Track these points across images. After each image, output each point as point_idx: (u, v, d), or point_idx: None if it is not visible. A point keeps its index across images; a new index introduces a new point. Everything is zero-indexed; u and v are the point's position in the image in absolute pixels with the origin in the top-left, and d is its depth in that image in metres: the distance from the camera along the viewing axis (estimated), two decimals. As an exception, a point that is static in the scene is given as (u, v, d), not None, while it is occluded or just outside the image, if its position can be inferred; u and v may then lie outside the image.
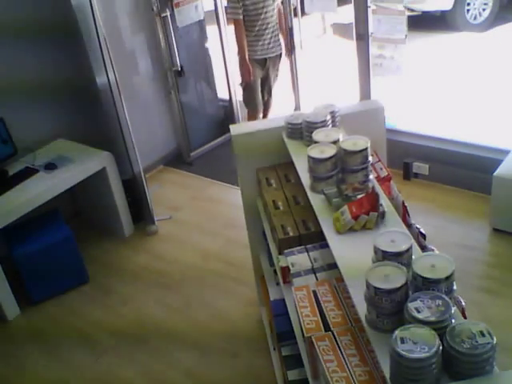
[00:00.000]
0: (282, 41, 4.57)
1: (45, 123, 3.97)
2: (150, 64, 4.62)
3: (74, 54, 3.96)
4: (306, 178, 2.24)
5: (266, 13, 4.33)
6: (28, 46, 3.77)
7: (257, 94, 4.64)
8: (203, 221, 4.24)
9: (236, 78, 4.80)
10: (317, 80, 5.62)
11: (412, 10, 6.06)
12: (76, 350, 3.30)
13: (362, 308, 1.61)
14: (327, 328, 1.89)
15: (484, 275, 3.39)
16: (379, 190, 2.07)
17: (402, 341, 1.36)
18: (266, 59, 4.52)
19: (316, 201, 2.13)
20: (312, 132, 2.33)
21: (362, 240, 1.87)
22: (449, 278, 1.51)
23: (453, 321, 1.43)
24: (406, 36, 3.59)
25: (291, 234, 2.32)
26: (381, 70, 3.84)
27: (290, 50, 4.62)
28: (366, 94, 4.05)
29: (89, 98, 4.11)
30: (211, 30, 4.91)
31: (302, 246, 2.28)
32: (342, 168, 2.13)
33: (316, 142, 2.24)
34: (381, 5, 3.63)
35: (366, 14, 3.72)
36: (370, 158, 2.12)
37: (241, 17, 4.31)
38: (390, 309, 1.52)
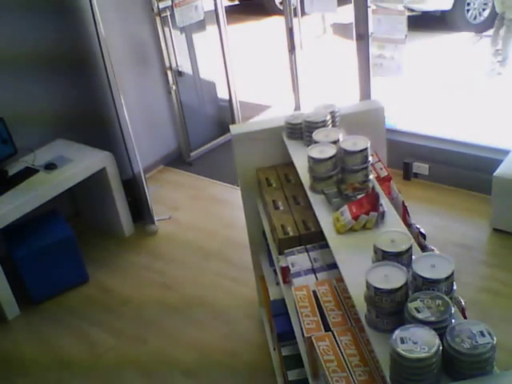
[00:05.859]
0: None
1: (45, 123, 3.97)
2: (150, 64, 4.62)
3: (75, 54, 3.96)
4: (306, 178, 2.24)
5: None
6: (29, 45, 3.78)
7: None
8: (203, 221, 4.24)
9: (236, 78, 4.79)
10: (317, 80, 5.63)
11: (412, 10, 6.06)
12: (76, 350, 3.30)
13: (361, 308, 1.61)
14: (327, 328, 1.89)
15: (484, 275, 3.39)
16: (379, 190, 2.07)
17: (402, 341, 1.36)
18: None
19: (316, 201, 2.13)
20: (312, 132, 2.33)
21: (361, 240, 1.87)
22: (449, 278, 1.51)
23: (453, 321, 1.43)
24: (405, 36, 3.59)
25: (291, 233, 2.31)
26: (381, 70, 3.84)
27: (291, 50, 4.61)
28: (366, 94, 4.05)
29: (89, 98, 4.11)
30: (211, 30, 4.91)
31: (302, 246, 2.28)
32: (342, 168, 2.13)
33: (316, 142, 2.24)
34: (381, 5, 3.63)
35: (366, 14, 3.73)
36: (370, 158, 2.12)
37: None
38: (390, 309, 1.52)
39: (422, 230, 2.07)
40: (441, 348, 1.35)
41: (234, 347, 3.15)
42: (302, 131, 2.50)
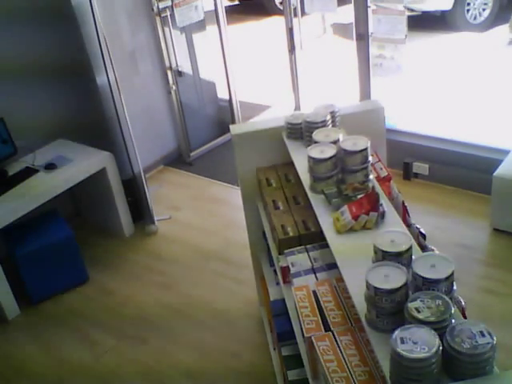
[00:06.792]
0: None
1: (45, 123, 3.97)
2: (150, 64, 4.62)
3: (75, 54, 3.96)
4: (305, 178, 2.24)
5: None
6: (29, 46, 3.78)
7: None
8: (203, 221, 4.24)
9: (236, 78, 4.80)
10: (317, 80, 5.63)
11: (412, 10, 6.07)
12: (76, 350, 3.30)
13: (361, 308, 1.61)
14: (327, 328, 1.89)
15: (484, 275, 3.39)
16: (379, 190, 2.07)
17: (402, 341, 1.36)
18: None
19: (316, 201, 2.13)
20: (312, 132, 2.33)
21: (362, 240, 1.87)
22: (449, 278, 1.51)
23: (453, 321, 1.42)
24: (405, 36, 3.59)
25: (291, 234, 2.31)
26: (381, 70, 3.84)
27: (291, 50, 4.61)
28: (366, 94, 4.06)
29: (89, 98, 4.11)
30: (211, 30, 4.92)
31: (302, 246, 2.28)
32: (342, 168, 2.13)
33: (316, 142, 2.24)
34: (381, 5, 3.63)
35: (366, 14, 3.73)
36: (370, 158, 2.12)
37: None
38: (390, 309, 1.52)
39: (422, 230, 2.07)
40: (441, 348, 1.35)
41: (234, 347, 3.15)
42: (302, 131, 2.50)
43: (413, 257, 1.65)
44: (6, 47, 3.69)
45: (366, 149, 2.07)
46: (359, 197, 2.00)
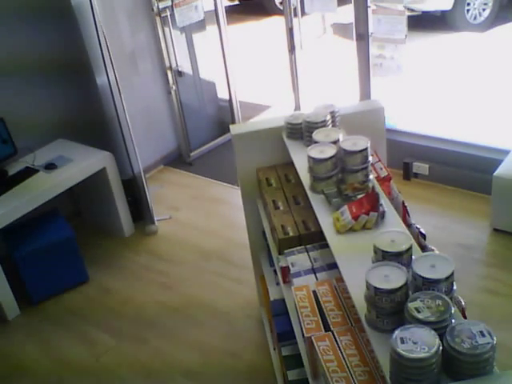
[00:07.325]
0: None
1: (45, 123, 3.97)
2: (149, 64, 4.62)
3: (75, 54, 3.96)
4: (305, 178, 2.24)
5: None
6: (28, 45, 3.78)
7: None
8: (203, 221, 4.24)
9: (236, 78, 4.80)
10: (317, 80, 5.63)
11: (412, 10, 6.06)
12: (76, 350, 3.30)
13: (361, 308, 1.61)
14: (327, 328, 1.89)
15: (484, 275, 3.39)
16: (379, 190, 2.07)
17: (402, 341, 1.36)
18: None
19: (316, 201, 2.13)
20: (312, 132, 2.33)
21: (362, 240, 1.87)
22: (449, 278, 1.51)
23: (453, 321, 1.43)
24: (405, 36, 3.59)
25: (291, 233, 2.32)
26: (381, 70, 3.84)
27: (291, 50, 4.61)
28: (366, 94, 4.06)
29: (89, 98, 4.11)
30: (211, 30, 4.92)
31: (302, 246, 2.28)
32: (342, 168, 2.13)
33: (316, 142, 2.24)
34: (381, 5, 3.63)
35: (366, 14, 3.73)
36: (370, 158, 2.12)
37: None
38: (390, 309, 1.52)
39: (422, 230, 2.07)
40: (441, 348, 1.35)
41: (234, 347, 3.15)
42: (302, 131, 2.50)
43: (413, 257, 1.65)
44: (5, 47, 3.69)
45: (366, 149, 2.07)
46: (359, 197, 2.00)
